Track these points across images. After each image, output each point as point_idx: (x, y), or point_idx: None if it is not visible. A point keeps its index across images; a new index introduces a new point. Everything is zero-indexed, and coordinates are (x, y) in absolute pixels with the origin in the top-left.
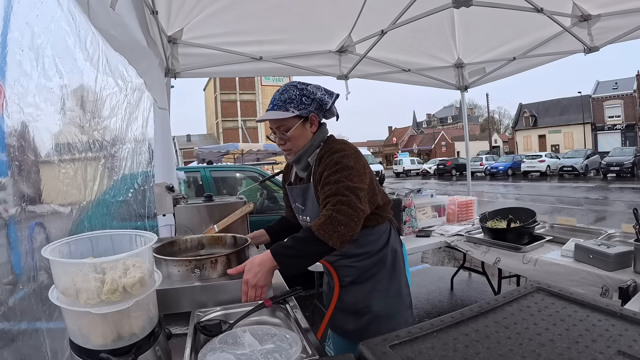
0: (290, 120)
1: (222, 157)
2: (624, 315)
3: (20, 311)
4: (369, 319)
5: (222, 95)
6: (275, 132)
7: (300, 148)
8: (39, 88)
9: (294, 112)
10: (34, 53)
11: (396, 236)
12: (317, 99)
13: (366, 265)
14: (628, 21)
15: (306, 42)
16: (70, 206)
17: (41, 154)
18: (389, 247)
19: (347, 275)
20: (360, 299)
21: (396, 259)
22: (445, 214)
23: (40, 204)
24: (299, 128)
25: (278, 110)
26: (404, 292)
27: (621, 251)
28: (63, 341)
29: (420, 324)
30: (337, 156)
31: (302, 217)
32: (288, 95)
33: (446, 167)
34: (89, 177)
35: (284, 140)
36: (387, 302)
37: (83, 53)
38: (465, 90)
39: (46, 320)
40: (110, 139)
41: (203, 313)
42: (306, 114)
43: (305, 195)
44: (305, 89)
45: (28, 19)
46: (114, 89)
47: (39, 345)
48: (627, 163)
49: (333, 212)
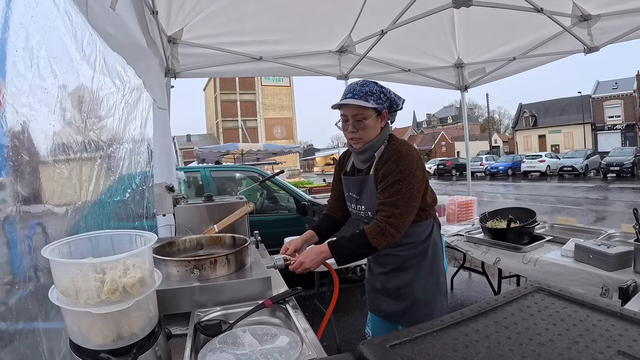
0: (368, 111)
1: (222, 157)
2: (624, 315)
3: (19, 311)
4: (409, 303)
5: (222, 95)
6: (349, 120)
7: (370, 139)
8: (33, 88)
9: (373, 103)
10: (28, 54)
11: (438, 231)
12: (390, 99)
13: (409, 255)
14: (628, 21)
15: (306, 42)
16: (67, 207)
17: (37, 155)
18: (431, 239)
19: (391, 263)
20: (404, 284)
21: (437, 250)
22: (445, 214)
23: (38, 205)
24: (374, 120)
25: (359, 99)
26: (441, 280)
27: (621, 251)
28: (61, 341)
29: (420, 324)
30: (404, 163)
31: (357, 206)
32: (369, 89)
33: (446, 167)
34: (85, 178)
35: (356, 129)
36: (427, 288)
37: (79, 53)
38: (465, 90)
39: (44, 320)
40: (107, 139)
41: (203, 313)
42: (381, 109)
43: (362, 186)
44: (383, 87)
45: (22, 19)
46: (111, 89)
47: (36, 345)
48: (627, 163)
49: (386, 225)
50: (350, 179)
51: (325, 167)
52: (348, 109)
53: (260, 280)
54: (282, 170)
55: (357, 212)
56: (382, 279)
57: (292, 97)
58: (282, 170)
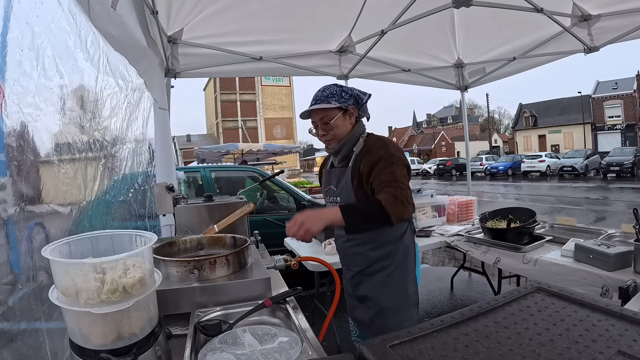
0: (333, 111)
1: (222, 157)
2: (624, 315)
3: (19, 311)
4: (375, 312)
5: (222, 95)
6: (318, 125)
7: (342, 137)
8: (39, 88)
9: (335, 104)
10: (34, 53)
11: (411, 236)
12: (354, 95)
13: (375, 256)
14: (628, 21)
15: (306, 42)
16: (70, 206)
17: (41, 154)
18: (401, 243)
19: (358, 265)
20: (370, 290)
21: (407, 256)
22: (445, 214)
23: (40, 204)
24: (340, 118)
25: (322, 103)
26: (410, 289)
27: (621, 251)
28: (63, 341)
29: (420, 324)
30: (392, 148)
31: (332, 199)
32: (330, 91)
33: (446, 167)
34: (89, 177)
35: (326, 131)
36: (394, 297)
37: (84, 53)
38: (465, 90)
39: (46, 320)
40: (111, 139)
41: (203, 313)
42: (346, 107)
43: (340, 177)
44: (343, 86)
45: (28, 19)
46: (115, 89)
47: (38, 345)
48: (627, 163)
49: (397, 193)
50: (332, 171)
51: None
52: (314, 115)
53: (260, 281)
54: (282, 170)
55: (332, 205)
56: (351, 283)
57: (292, 97)
58: (282, 170)
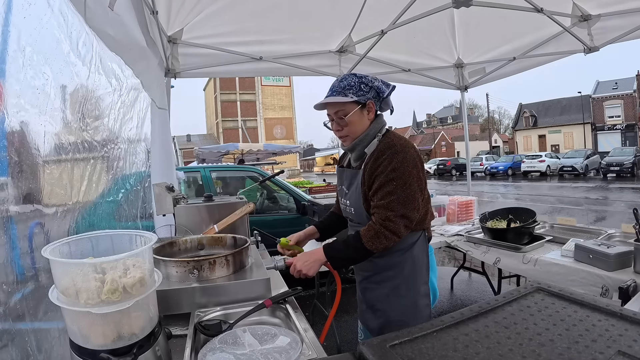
0: (349, 105)
1: (222, 157)
2: (624, 315)
3: (19, 311)
4: (383, 322)
5: (222, 95)
6: (333, 118)
7: (357, 135)
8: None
9: (352, 97)
10: (21, 54)
11: (422, 246)
12: (375, 87)
13: (383, 264)
14: (628, 21)
15: (306, 42)
16: (61, 207)
17: (31, 155)
18: (410, 253)
19: (366, 270)
20: (378, 300)
21: (417, 267)
22: (445, 214)
23: (36, 205)
24: (357, 114)
25: (337, 95)
26: (421, 303)
27: (621, 251)
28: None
29: (420, 324)
30: (398, 160)
31: (343, 201)
32: (347, 82)
33: (446, 167)
34: (80, 178)
35: (341, 126)
36: (402, 310)
37: (75, 53)
38: (465, 90)
39: (45, 320)
40: (102, 140)
41: (203, 313)
42: (364, 100)
43: (352, 180)
44: (363, 77)
45: (15, 21)
46: (107, 89)
47: (40, 345)
48: (627, 163)
49: (381, 228)
50: (344, 171)
51: (325, 167)
52: (330, 108)
53: (260, 281)
54: (282, 170)
55: (344, 207)
56: (360, 287)
57: (292, 97)
58: (282, 170)
